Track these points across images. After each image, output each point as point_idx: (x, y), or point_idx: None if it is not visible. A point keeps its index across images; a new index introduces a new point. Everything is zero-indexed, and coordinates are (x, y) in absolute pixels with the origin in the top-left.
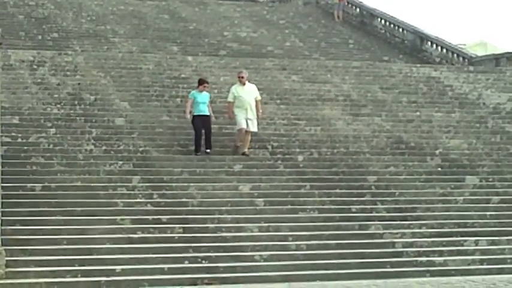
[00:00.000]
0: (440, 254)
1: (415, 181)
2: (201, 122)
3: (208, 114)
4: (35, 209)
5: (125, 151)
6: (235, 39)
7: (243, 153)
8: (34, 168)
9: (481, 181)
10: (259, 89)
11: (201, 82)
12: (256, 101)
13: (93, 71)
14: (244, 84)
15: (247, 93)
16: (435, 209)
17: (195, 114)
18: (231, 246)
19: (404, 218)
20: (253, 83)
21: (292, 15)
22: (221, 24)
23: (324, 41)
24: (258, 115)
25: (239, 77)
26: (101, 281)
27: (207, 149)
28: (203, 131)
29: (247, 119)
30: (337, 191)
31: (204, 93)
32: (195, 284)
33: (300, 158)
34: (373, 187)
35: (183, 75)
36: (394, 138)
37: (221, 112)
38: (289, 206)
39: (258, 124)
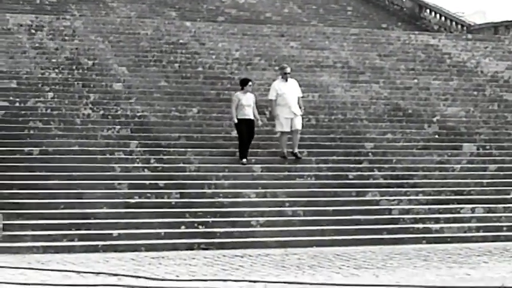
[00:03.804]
0: (437, 221)
1: (413, 148)
2: (246, 127)
3: (253, 118)
4: (32, 173)
5: (122, 116)
6: (233, 5)
7: (294, 155)
8: (32, 132)
9: (478, 149)
10: (256, 56)
11: (245, 82)
12: (298, 98)
13: (91, 36)
14: (287, 80)
15: (291, 90)
16: (432, 176)
17: (239, 117)
18: (227, 211)
19: (401, 185)
20: (294, 79)
21: None
22: None
23: (322, 7)
24: (301, 112)
25: (283, 73)
26: (97, 245)
27: (242, 158)
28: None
29: (292, 118)
30: (335, 157)
31: (249, 94)
32: (192, 249)
33: None
34: (370, 154)
35: (181, 41)
36: (391, 106)
37: (219, 78)
38: (286, 173)
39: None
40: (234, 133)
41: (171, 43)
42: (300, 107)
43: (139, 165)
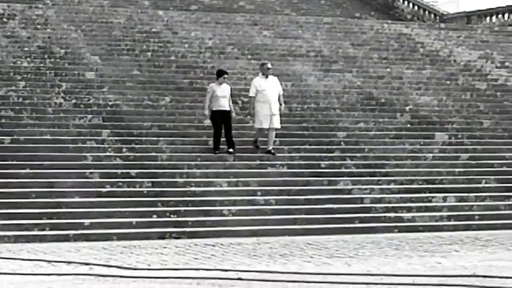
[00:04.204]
0: (409, 210)
1: (385, 137)
2: (220, 118)
3: (228, 109)
4: (3, 162)
5: (94, 105)
6: None
7: (269, 152)
8: (3, 121)
9: (450, 138)
10: (229, 44)
11: (220, 73)
12: (279, 95)
13: (63, 25)
14: (267, 76)
15: (271, 87)
16: (404, 165)
17: (213, 109)
18: (199, 200)
19: (373, 174)
20: (274, 75)
21: None
22: None
23: None
24: (280, 109)
25: (264, 69)
26: (69, 234)
27: (229, 148)
28: (223, 128)
29: (271, 115)
30: (307, 146)
31: (224, 85)
32: (164, 238)
33: None
34: (342, 143)
35: (154, 30)
36: (364, 95)
37: (192, 67)
38: (258, 162)
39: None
40: (207, 122)
41: (143, 32)
42: (281, 104)
43: (111, 154)
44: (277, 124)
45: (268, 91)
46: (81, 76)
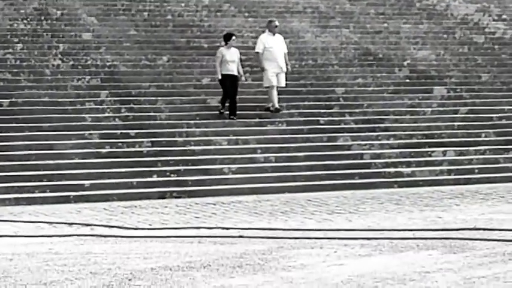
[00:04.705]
0: (408, 165)
1: (383, 92)
2: (229, 83)
3: (237, 74)
4: (2, 125)
5: (92, 66)
6: None
7: (276, 109)
8: (1, 84)
9: (448, 92)
10: (226, 2)
11: (228, 37)
12: (285, 54)
13: None
14: (274, 34)
15: (278, 45)
16: (403, 120)
17: (223, 73)
18: (199, 159)
19: (373, 130)
20: (280, 34)
21: None
22: None
23: None
24: (287, 69)
25: (272, 26)
26: (69, 195)
27: (231, 115)
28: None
29: (278, 74)
30: (306, 103)
31: (233, 49)
32: (164, 198)
33: None
34: (341, 99)
35: None
36: (362, 50)
37: (188, 26)
38: (257, 119)
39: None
40: (205, 81)
41: None
42: (287, 64)
43: (110, 114)
44: (283, 83)
45: (275, 48)
46: (78, 37)
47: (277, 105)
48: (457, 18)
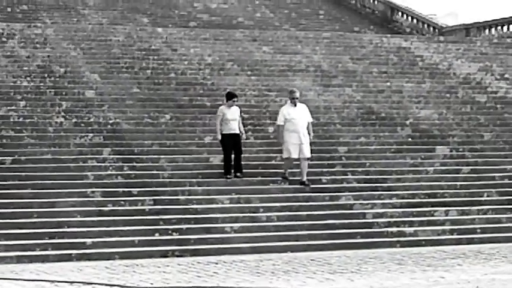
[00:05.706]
0: (411, 224)
1: (386, 151)
2: (231, 142)
3: (238, 132)
4: (5, 182)
5: (95, 123)
6: (205, 10)
7: (303, 183)
8: (4, 141)
9: (451, 151)
10: (229, 61)
11: (230, 96)
12: (308, 123)
13: (63, 43)
14: (295, 105)
15: (300, 115)
16: (405, 179)
17: (224, 132)
18: (201, 218)
19: (375, 189)
20: (303, 103)
21: None
22: None
23: (294, 11)
24: (310, 139)
25: (292, 98)
26: (71, 254)
27: (236, 172)
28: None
29: (301, 144)
30: (308, 162)
31: (234, 108)
32: (166, 256)
33: (271, 129)
34: (343, 158)
35: (153, 47)
36: (364, 109)
37: (191, 84)
38: (260, 178)
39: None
40: (207, 139)
41: (143, 49)
42: (309, 133)
43: (113, 172)
44: (307, 153)
45: (297, 120)
46: (81, 95)
47: (304, 179)
48: (459, 78)
